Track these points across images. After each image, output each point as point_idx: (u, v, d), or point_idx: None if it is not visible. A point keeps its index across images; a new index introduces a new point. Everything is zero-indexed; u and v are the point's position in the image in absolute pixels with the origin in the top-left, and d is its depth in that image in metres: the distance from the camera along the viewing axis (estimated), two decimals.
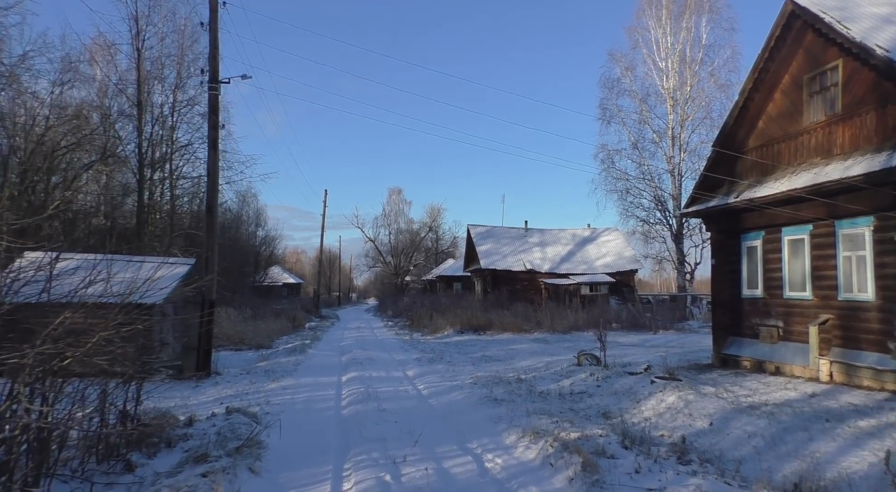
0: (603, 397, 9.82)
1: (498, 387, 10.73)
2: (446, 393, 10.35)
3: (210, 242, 12.21)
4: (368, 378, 12.04)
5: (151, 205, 25.72)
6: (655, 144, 32.30)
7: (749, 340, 13.16)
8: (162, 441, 6.05)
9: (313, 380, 11.80)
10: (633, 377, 10.83)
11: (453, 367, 14.07)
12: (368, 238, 69.25)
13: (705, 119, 31.71)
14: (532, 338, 23.44)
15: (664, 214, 31.80)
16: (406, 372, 13.32)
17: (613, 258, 41.54)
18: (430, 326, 27.74)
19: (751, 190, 12.56)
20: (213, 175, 12.25)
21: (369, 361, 14.80)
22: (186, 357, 11.86)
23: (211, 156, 12.24)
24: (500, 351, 18.28)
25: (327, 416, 8.45)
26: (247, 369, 13.33)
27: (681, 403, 8.59)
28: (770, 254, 12.68)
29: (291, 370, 13.14)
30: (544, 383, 11.56)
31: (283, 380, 11.69)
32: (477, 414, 8.45)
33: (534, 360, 15.63)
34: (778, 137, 12.43)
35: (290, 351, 17.66)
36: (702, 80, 31.82)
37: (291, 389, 10.68)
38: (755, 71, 12.38)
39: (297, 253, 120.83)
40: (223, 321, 21.07)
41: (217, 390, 10.71)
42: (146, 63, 24.88)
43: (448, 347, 20.01)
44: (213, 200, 12.26)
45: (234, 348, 19.56)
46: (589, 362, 13.29)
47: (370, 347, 19.63)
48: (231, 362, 15.26)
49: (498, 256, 41.09)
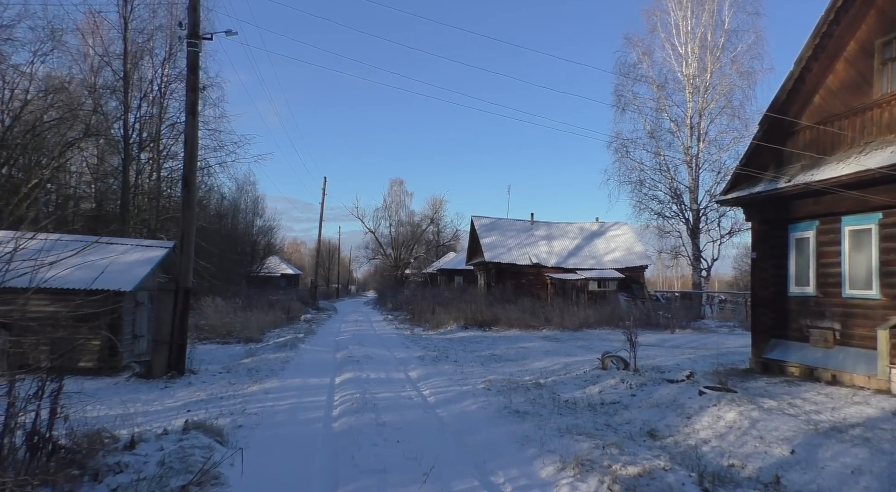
0: (642, 410, 8.28)
1: (516, 394, 9.20)
2: (457, 401, 8.81)
3: (186, 222, 10.64)
4: (366, 380, 10.49)
5: (138, 187, 24.13)
6: (672, 133, 30.68)
7: (796, 343, 11.61)
8: (87, 472, 4.50)
9: (302, 382, 10.25)
10: (675, 386, 9.29)
11: (461, 368, 12.54)
12: (368, 229, 67.79)
13: (726, 108, 30.07)
14: (541, 335, 21.94)
15: (680, 207, 30.20)
16: (408, 373, 11.79)
17: (622, 253, 39.98)
18: (432, 321, 26.21)
19: (806, 173, 10.99)
20: (192, 144, 10.65)
21: (367, 360, 13.26)
22: (156, 353, 10.31)
23: (189, 122, 10.64)
24: (510, 350, 16.76)
25: (314, 431, 6.90)
26: (228, 367, 11.78)
27: (744, 421, 7.05)
28: (826, 246, 11.10)
29: (278, 369, 11.60)
30: (567, 389, 10.03)
31: (266, 381, 10.15)
32: (497, 431, 6.91)
33: (549, 361, 14.11)
34: (839, 113, 10.83)
35: (280, 346, 16.13)
36: (723, 66, 30.16)
37: (275, 393, 9.14)
38: (816, 36, 10.77)
39: (297, 244, 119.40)
40: (209, 312, 19.56)
41: (188, 393, 9.16)
42: (133, 34, 23.22)
43: (452, 345, 18.49)
44: (191, 174, 10.68)
45: (221, 341, 18.07)
46: (615, 366, 11.75)
47: (368, 342, 18.09)
48: (212, 358, 13.73)
49: (503, 248, 39.53)
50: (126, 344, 12.12)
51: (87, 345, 11.63)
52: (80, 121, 23.01)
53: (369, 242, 71.84)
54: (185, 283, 10.65)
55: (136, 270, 12.32)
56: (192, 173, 10.72)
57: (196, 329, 18.93)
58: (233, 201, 44.77)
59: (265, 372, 11.19)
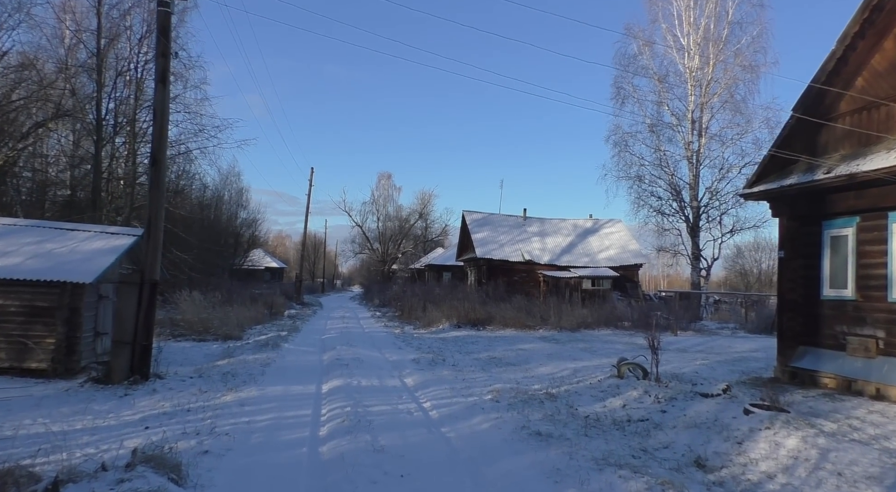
0: (679, 432, 7.13)
1: (530, 409, 8.04)
2: (464, 417, 7.61)
3: (155, 205, 9.31)
4: (357, 389, 9.26)
5: (112, 172, 22.59)
6: (673, 128, 29.67)
7: (830, 351, 10.56)
8: None
9: (283, 390, 8.99)
10: (711, 402, 8.16)
11: (461, 373, 11.35)
12: (356, 223, 66.30)
13: (728, 103, 29.10)
14: (539, 336, 20.81)
15: (680, 204, 29.23)
16: (404, 379, 10.57)
17: (617, 251, 39.02)
18: (423, 319, 24.99)
19: (849, 163, 9.91)
20: (162, 117, 9.31)
21: (357, 363, 12.01)
22: (117, 355, 8.98)
23: (159, 91, 9.30)
24: (509, 352, 15.62)
25: (297, 460, 5.65)
26: (201, 370, 10.46)
27: (810, 450, 5.92)
28: (868, 245, 10.04)
29: (258, 374, 10.32)
30: (585, 401, 8.88)
31: (243, 389, 8.87)
32: (520, 461, 5.72)
33: (554, 366, 12.98)
34: (887, 97, 9.76)
35: (261, 345, 14.83)
36: (726, 59, 29.19)
37: (252, 404, 7.87)
38: (865, 9, 9.66)
39: (282, 237, 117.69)
40: (186, 307, 18.18)
41: (150, 403, 7.87)
42: (108, 9, 21.69)
43: (447, 345, 17.30)
44: (160, 150, 9.32)
45: (198, 338, 16.71)
46: (633, 375, 10.62)
47: (357, 342, 16.84)
48: (185, 358, 12.41)
49: (495, 244, 38.38)
50: (86, 342, 10.76)
51: (40, 343, 10.28)
52: (50, 101, 21.48)
53: (356, 236, 70.49)
54: (151, 274, 9.32)
55: (99, 259, 10.96)
56: (162, 150, 9.38)
57: (171, 325, 17.58)
58: (216, 191, 43.21)
59: (242, 377, 9.91)
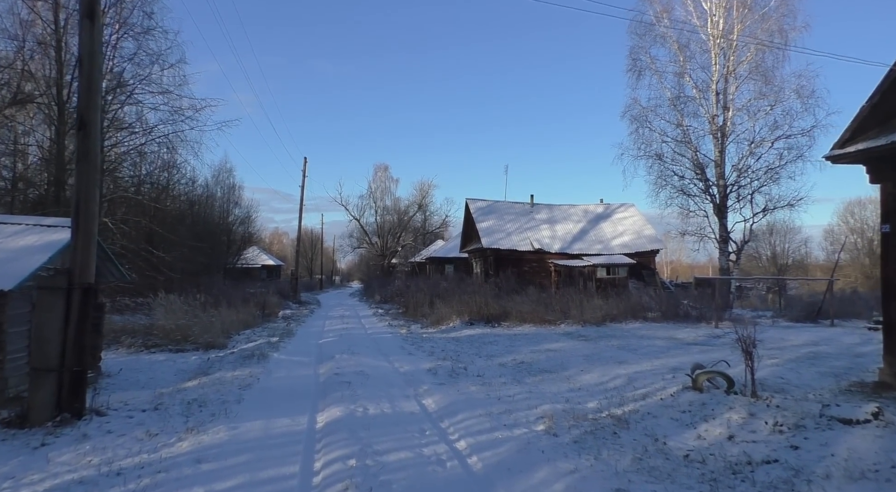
0: (842, 487, 4.81)
1: (606, 447, 5.76)
2: (519, 468, 5.28)
3: (84, 183, 6.91)
4: (363, 421, 6.91)
5: None
6: (695, 101, 27.26)
7: None
8: None
9: (263, 428, 6.64)
10: (862, 432, 5.85)
11: (491, 388, 9.05)
12: (353, 216, 64.05)
13: (754, 72, 26.69)
14: (562, 332, 18.53)
15: (705, 183, 26.87)
16: (422, 401, 8.24)
17: (632, 237, 36.76)
18: (430, 316, 22.68)
19: None
20: (90, 64, 6.86)
21: (361, 379, 9.65)
22: (36, 388, 6.63)
23: (85, 30, 6.82)
24: (538, 354, 13.34)
25: None
26: (160, 398, 8.09)
27: None
28: None
29: (233, 400, 7.98)
30: (671, 430, 6.57)
31: (208, 428, 6.53)
32: None
33: (600, 372, 10.66)
34: None
35: (245, 357, 12.48)
36: (752, 24, 26.77)
37: (214, 460, 5.51)
38: None
39: (279, 234, 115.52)
40: (161, 313, 15.84)
41: (72, 459, 5.52)
42: None
43: (462, 347, 15.01)
44: (89, 108, 6.86)
45: (175, 349, 14.38)
46: (713, 385, 8.32)
47: (359, 347, 14.51)
48: (150, 378, 10.07)
49: (501, 233, 36.07)
50: (12, 368, 8.40)
51: None
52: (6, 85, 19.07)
53: (353, 230, 68.29)
54: (83, 276, 6.93)
55: (27, 259, 8.60)
56: (91, 108, 6.95)
57: (144, 334, 15.24)
58: (207, 189, 40.86)
59: (212, 407, 7.56)
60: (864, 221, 59.62)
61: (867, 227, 59.12)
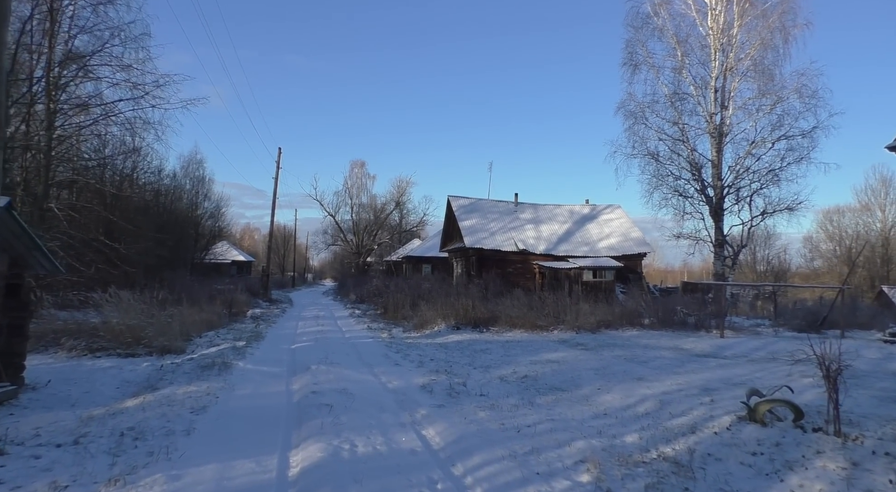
0: None
1: None
2: None
3: None
4: (350, 468, 5.22)
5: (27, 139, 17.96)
6: (694, 98, 26.11)
7: None
8: None
9: (216, 479, 4.89)
10: None
11: (500, 411, 7.48)
12: (328, 212, 61.98)
13: (754, 69, 25.65)
14: (557, 339, 17.09)
15: (701, 184, 25.73)
16: (422, 432, 6.59)
17: (618, 239, 35.56)
18: (412, 319, 21.05)
19: None
20: None
21: (343, 400, 7.93)
22: None
23: None
24: (538, 365, 11.84)
25: None
26: (84, 428, 6.26)
27: None
28: None
29: (181, 431, 6.21)
30: (746, 482, 5.09)
31: (139, 480, 4.77)
32: None
33: (622, 392, 9.14)
34: None
35: (205, 365, 10.67)
36: (753, 20, 25.72)
37: None
38: None
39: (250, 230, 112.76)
40: (109, 311, 13.90)
41: None
42: None
43: (453, 355, 13.44)
44: None
45: (124, 353, 12.54)
46: (777, 417, 6.84)
47: (338, 355, 12.80)
48: (85, 393, 8.25)
49: (485, 232, 34.54)
50: None
51: None
52: None
53: (328, 227, 66.18)
54: None
55: None
56: None
57: (89, 335, 13.29)
58: (175, 180, 38.60)
59: (151, 442, 5.79)
60: (842, 228, 59.50)
61: (846, 235, 59.00)
